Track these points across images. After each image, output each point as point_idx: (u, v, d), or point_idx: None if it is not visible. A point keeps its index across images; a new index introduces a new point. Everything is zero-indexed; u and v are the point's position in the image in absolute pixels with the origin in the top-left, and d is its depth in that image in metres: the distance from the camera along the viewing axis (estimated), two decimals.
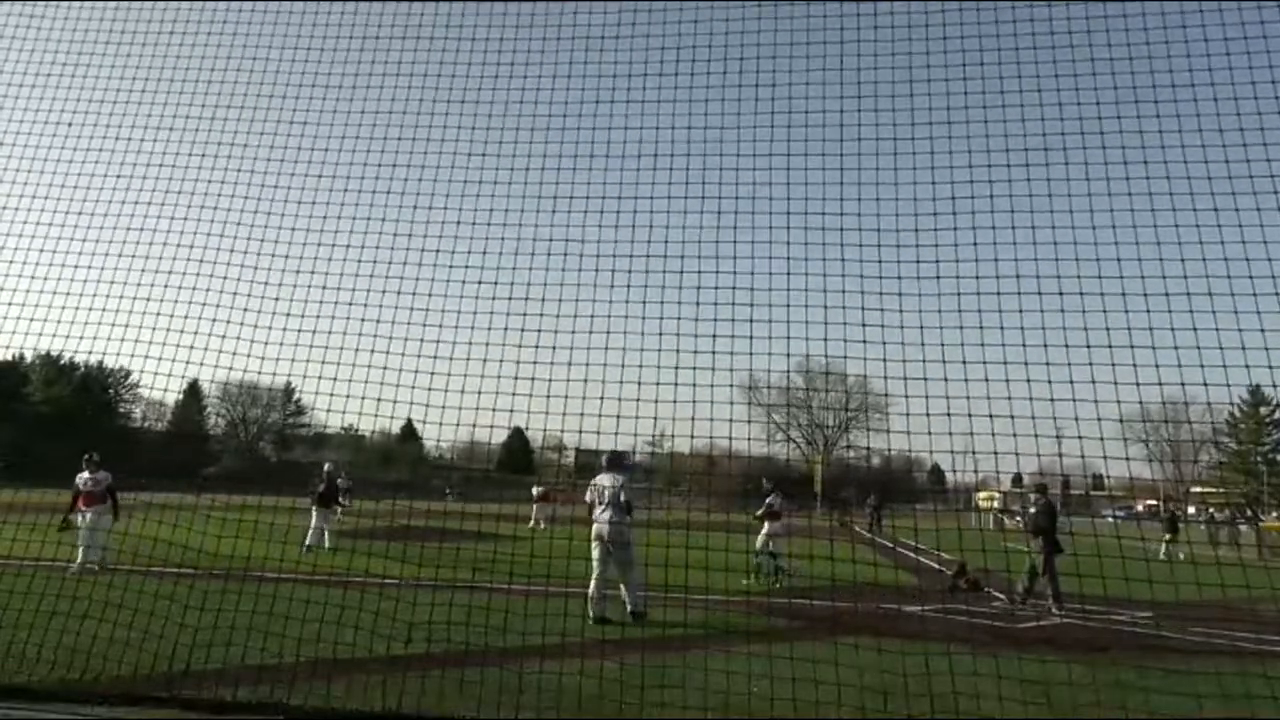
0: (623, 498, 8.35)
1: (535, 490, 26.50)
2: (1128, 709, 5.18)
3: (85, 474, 11.70)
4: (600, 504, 8.39)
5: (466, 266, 6.51)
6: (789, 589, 11.04)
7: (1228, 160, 5.29)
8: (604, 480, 8.52)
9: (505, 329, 6.11)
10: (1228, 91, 5.38)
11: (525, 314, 6.22)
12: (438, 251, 6.59)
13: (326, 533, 15.14)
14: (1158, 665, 6.77)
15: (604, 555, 8.24)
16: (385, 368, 6.13)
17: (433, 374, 6.00)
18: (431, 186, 6.86)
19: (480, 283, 6.45)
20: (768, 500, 13.09)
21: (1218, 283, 5.01)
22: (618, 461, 8.61)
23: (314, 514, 15.25)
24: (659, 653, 5.72)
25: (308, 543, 14.55)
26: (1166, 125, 5.47)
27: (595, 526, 8.34)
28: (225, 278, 6.82)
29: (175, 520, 7.85)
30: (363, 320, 6.39)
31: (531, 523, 23.71)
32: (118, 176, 7.38)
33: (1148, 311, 5.11)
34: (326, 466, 16.89)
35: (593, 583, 8.15)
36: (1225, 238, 5.07)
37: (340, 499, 18.85)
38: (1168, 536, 22.88)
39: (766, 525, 12.81)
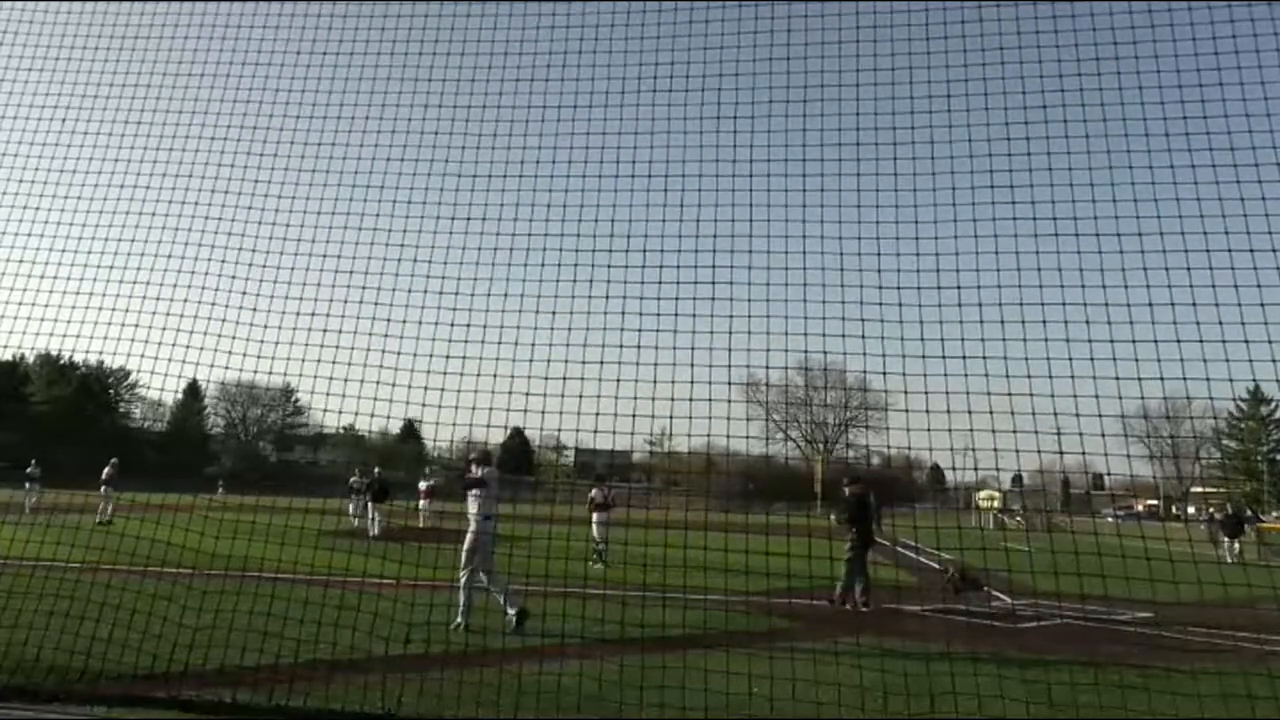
0: (473, 497, 7.99)
1: (422, 485, 23.64)
2: (1129, 709, 5.17)
3: None
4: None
5: (465, 264, 6.52)
6: (788, 589, 11.02)
7: (1233, 149, 5.28)
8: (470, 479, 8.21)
9: (501, 326, 6.07)
10: (1234, 77, 5.34)
11: (522, 311, 6.22)
12: (444, 246, 6.59)
13: (376, 522, 18.40)
14: (1159, 665, 6.76)
15: (468, 558, 7.86)
16: (382, 366, 6.12)
17: (428, 372, 5.99)
18: (430, 185, 6.88)
19: (477, 277, 6.45)
20: (590, 493, 15.10)
21: (1221, 274, 5.00)
22: (484, 460, 8.20)
23: (371, 509, 18.83)
24: (659, 653, 5.71)
25: (374, 533, 17.83)
26: (1171, 113, 5.44)
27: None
28: (224, 274, 6.82)
29: (188, 523, 7.82)
30: (362, 320, 6.39)
31: (421, 521, 21.49)
32: (110, 169, 7.38)
33: (1150, 304, 5.08)
34: (376, 470, 20.03)
35: (462, 579, 7.86)
36: (1230, 227, 5.06)
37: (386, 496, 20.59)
38: (1225, 538, 22.60)
39: (595, 515, 14.65)
